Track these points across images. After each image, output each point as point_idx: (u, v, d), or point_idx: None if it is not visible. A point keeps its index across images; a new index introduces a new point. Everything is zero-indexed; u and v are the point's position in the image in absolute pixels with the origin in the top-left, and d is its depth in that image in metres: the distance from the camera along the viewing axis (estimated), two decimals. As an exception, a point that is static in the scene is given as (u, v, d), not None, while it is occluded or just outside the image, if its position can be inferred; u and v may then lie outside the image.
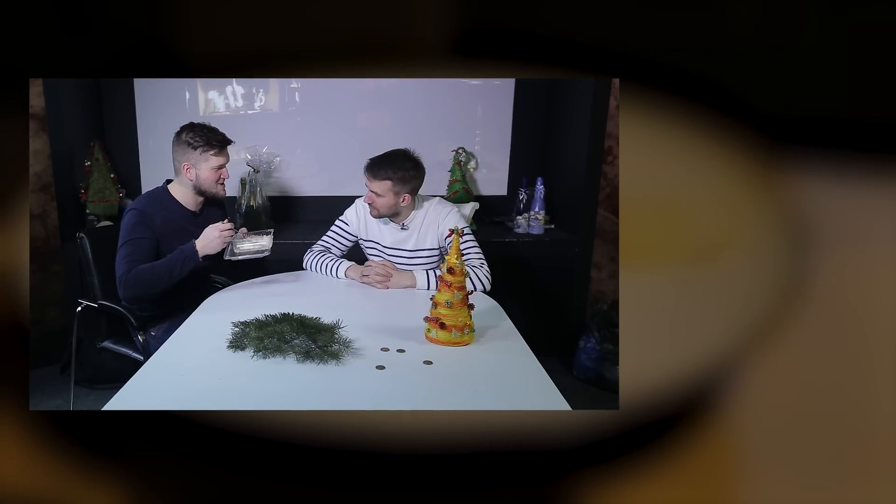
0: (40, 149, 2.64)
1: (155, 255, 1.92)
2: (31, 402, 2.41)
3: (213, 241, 1.88)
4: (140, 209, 1.94)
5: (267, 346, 1.40)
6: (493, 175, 3.17)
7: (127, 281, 1.87)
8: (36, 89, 2.56)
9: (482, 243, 2.06)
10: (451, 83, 3.05)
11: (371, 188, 2.02)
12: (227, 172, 2.02)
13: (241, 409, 1.17)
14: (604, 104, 2.76)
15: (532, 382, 1.35)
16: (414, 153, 2.05)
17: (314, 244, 2.18)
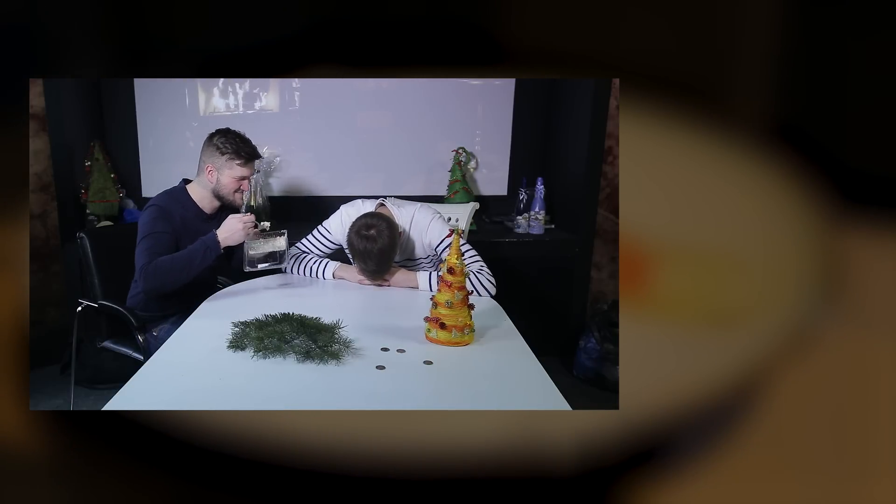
0: (40, 149, 2.64)
1: (174, 250, 1.92)
2: (31, 402, 2.43)
3: (236, 232, 1.88)
4: (161, 205, 1.96)
5: (267, 346, 1.40)
6: (493, 175, 3.18)
7: (147, 271, 1.86)
8: (36, 89, 2.56)
9: (483, 243, 2.06)
10: (451, 83, 3.05)
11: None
12: (247, 185, 2.03)
13: (241, 409, 1.17)
14: (604, 104, 2.76)
15: (532, 382, 1.35)
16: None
17: (291, 247, 2.10)
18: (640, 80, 1.13)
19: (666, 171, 1.11)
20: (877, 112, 1.08)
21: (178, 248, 1.92)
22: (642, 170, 1.11)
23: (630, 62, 1.13)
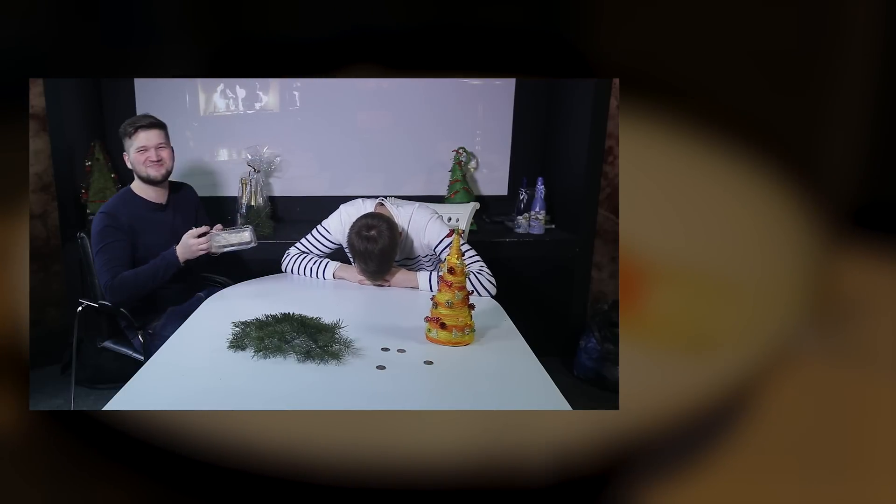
0: (41, 149, 2.64)
1: (130, 253, 1.98)
2: (31, 402, 2.43)
3: (189, 248, 1.95)
4: (105, 212, 2.00)
5: (267, 346, 1.40)
6: (493, 175, 3.17)
7: (113, 287, 1.93)
8: (37, 89, 2.56)
9: (483, 243, 2.05)
10: (451, 83, 3.05)
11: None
12: (154, 154, 2.02)
13: (242, 409, 1.17)
14: (604, 104, 2.76)
15: (533, 382, 1.35)
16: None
17: (289, 248, 2.12)
18: (641, 81, 1.12)
19: (668, 188, 1.11)
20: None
21: (134, 247, 1.98)
22: (642, 170, 1.11)
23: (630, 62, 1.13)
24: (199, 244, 1.94)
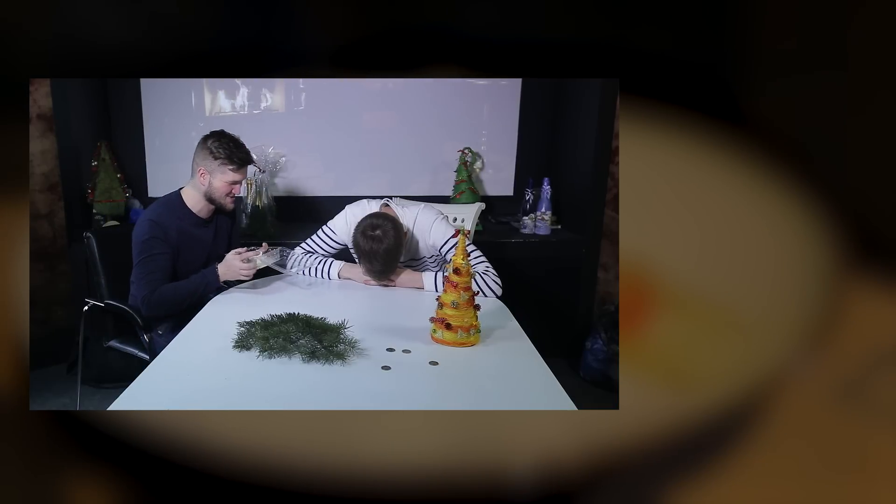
0: (47, 149, 2.65)
1: (172, 267, 1.94)
2: (37, 402, 2.45)
3: (233, 269, 1.90)
4: (154, 220, 1.93)
5: (272, 346, 1.40)
6: (499, 175, 3.17)
7: (151, 301, 1.89)
8: (43, 89, 2.57)
9: (489, 244, 2.05)
10: (457, 83, 3.04)
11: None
12: (239, 189, 2.03)
13: (246, 409, 1.17)
14: (611, 104, 2.75)
15: (538, 384, 1.34)
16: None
17: (295, 248, 2.11)
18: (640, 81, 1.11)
19: (666, 171, 1.10)
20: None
21: (175, 261, 1.95)
22: (642, 171, 1.10)
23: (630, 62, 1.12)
24: (243, 269, 1.88)
